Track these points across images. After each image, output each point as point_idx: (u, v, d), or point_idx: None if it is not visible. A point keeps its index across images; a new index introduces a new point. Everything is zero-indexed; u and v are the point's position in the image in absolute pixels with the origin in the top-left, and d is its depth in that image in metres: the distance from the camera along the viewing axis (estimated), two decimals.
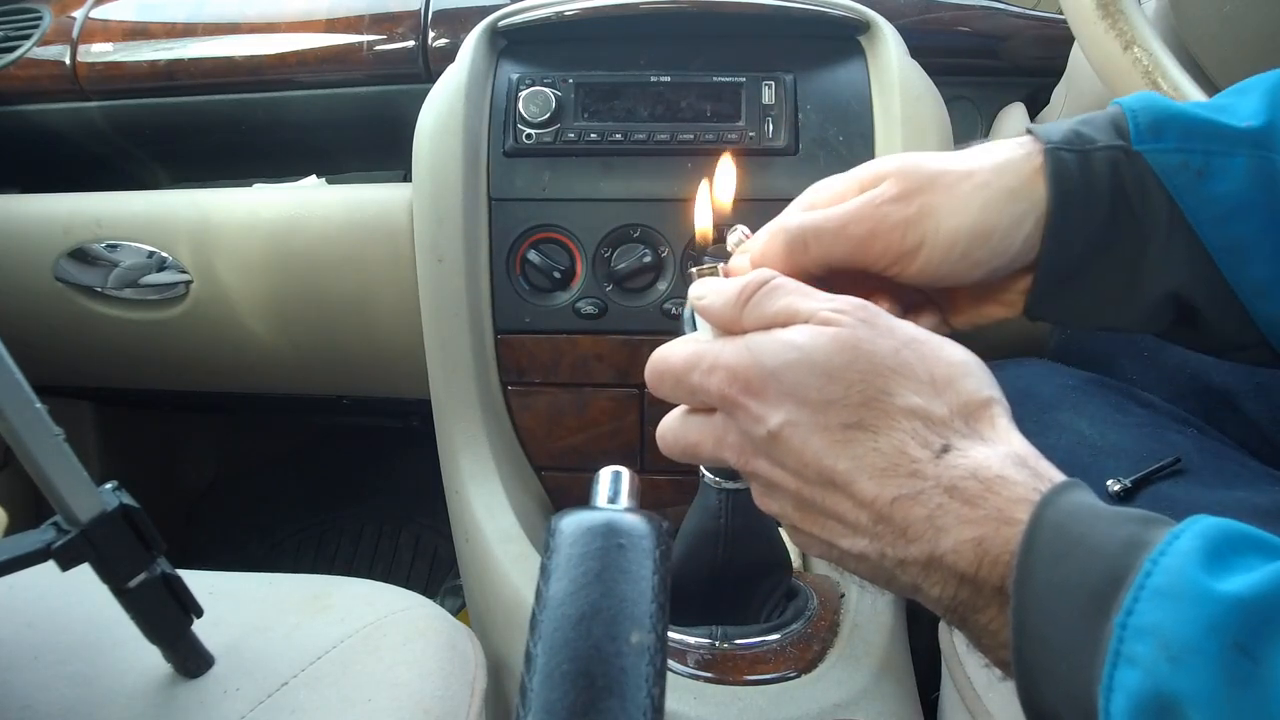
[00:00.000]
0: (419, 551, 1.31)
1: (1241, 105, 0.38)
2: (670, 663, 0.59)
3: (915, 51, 0.76)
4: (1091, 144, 0.38)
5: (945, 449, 0.32)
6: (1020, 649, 0.28)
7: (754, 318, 0.36)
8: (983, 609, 0.30)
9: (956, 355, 0.34)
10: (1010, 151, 0.39)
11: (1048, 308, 0.40)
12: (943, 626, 0.63)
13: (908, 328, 0.35)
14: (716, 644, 0.60)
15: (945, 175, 0.38)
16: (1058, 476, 0.31)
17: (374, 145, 0.97)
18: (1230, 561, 0.25)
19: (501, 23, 0.78)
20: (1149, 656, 0.24)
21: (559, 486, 0.81)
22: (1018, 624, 0.28)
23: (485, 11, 0.80)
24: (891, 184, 0.38)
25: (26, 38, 0.95)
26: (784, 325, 0.35)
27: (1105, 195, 0.37)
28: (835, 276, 0.41)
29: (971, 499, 0.30)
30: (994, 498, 0.30)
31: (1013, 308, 0.42)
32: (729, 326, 0.37)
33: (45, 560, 0.46)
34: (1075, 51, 0.79)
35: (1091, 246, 0.38)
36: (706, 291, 0.38)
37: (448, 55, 0.80)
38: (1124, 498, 0.51)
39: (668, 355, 0.38)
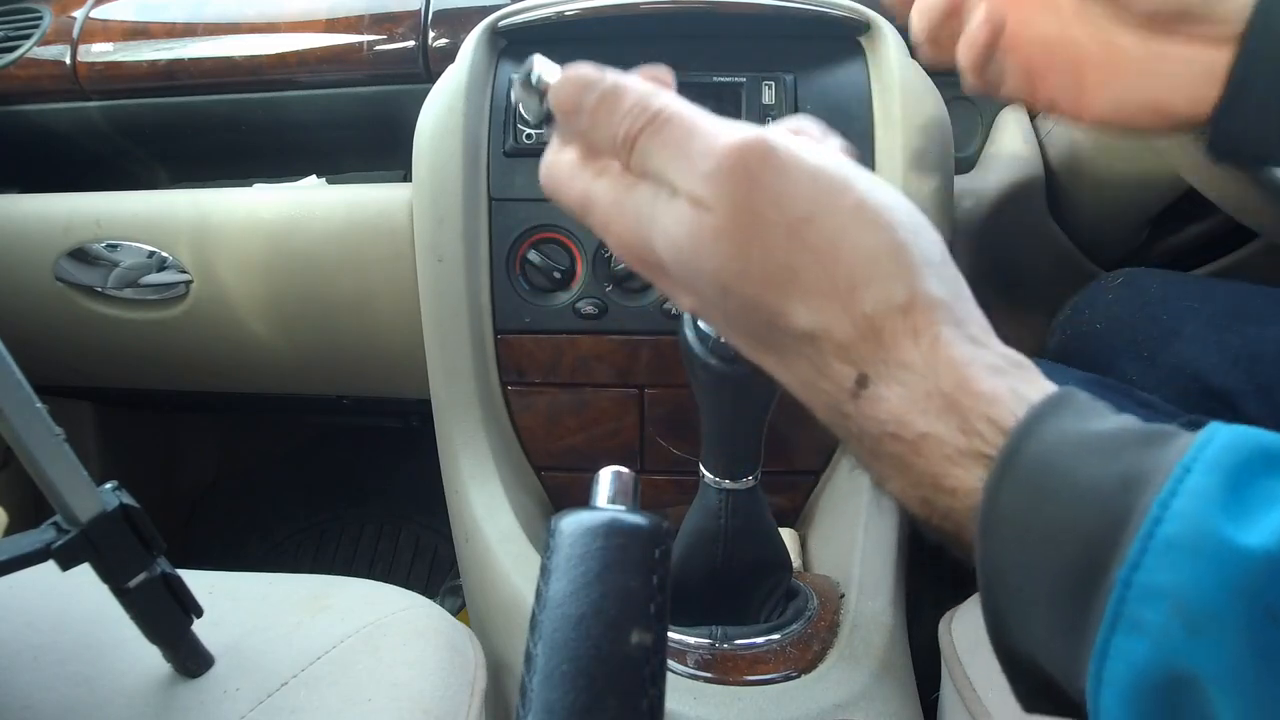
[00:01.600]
0: (419, 551, 1.31)
1: None
2: (670, 663, 0.59)
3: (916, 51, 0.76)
4: None
5: (861, 381, 0.27)
6: (990, 591, 0.24)
7: (635, 162, 0.29)
8: (950, 541, 0.27)
9: (863, 237, 0.27)
10: None
11: (1236, 116, 0.35)
12: (943, 627, 0.63)
13: (811, 180, 0.27)
14: (716, 644, 0.60)
15: None
16: (995, 405, 0.25)
17: (374, 145, 0.97)
18: (1252, 496, 0.20)
19: (502, 23, 0.78)
20: (1160, 624, 0.20)
21: (559, 486, 0.81)
22: (986, 569, 0.24)
23: (485, 11, 0.80)
24: None
25: (27, 37, 0.95)
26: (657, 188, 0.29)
27: None
28: None
29: (898, 461, 0.26)
30: (920, 460, 0.26)
31: (1191, 103, 0.36)
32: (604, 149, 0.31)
33: (45, 560, 0.46)
34: None
35: None
36: (584, 90, 0.30)
37: (448, 55, 0.80)
38: None
39: (553, 176, 0.32)
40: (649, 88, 0.30)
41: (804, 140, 0.29)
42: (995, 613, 0.25)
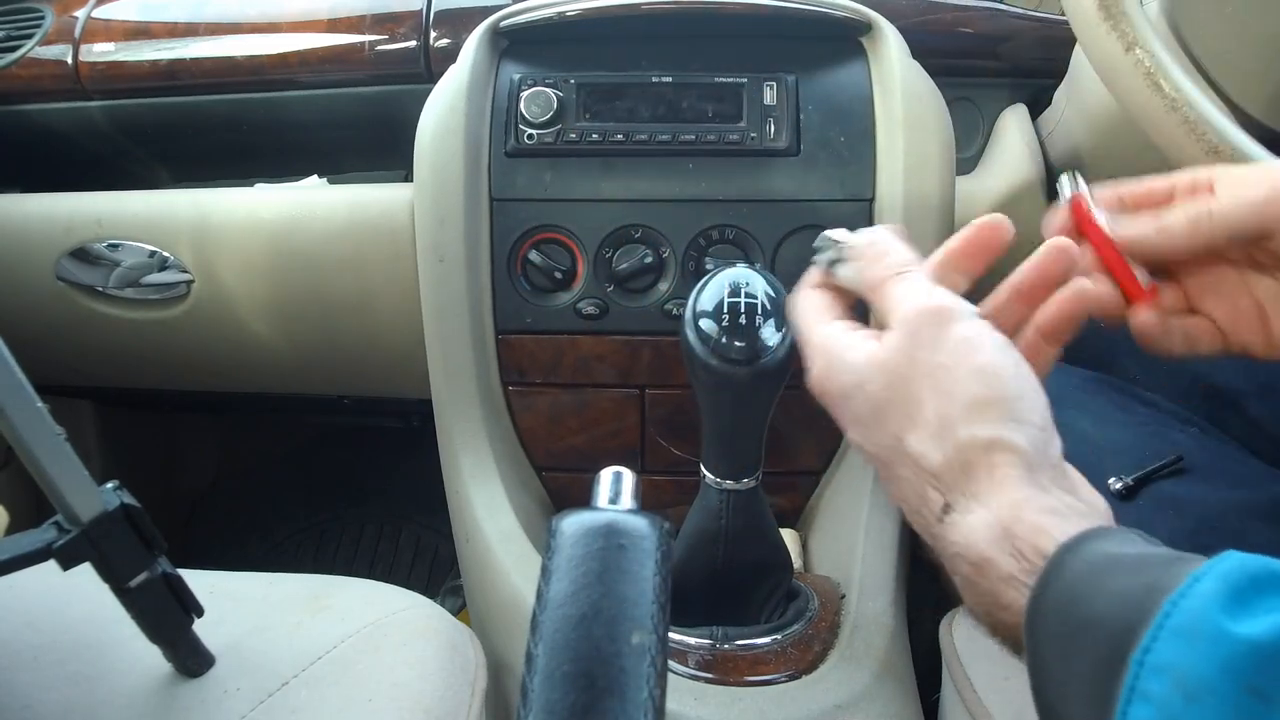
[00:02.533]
0: (419, 551, 1.31)
1: None
2: (671, 663, 0.59)
3: (917, 52, 0.76)
4: None
5: (946, 509, 0.33)
6: (1039, 685, 0.29)
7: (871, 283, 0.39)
8: (1012, 651, 0.32)
9: (975, 388, 0.34)
10: None
11: None
12: (943, 627, 0.63)
13: (955, 342, 0.35)
14: (717, 644, 0.60)
15: None
16: (1035, 541, 0.31)
17: (375, 145, 0.97)
18: (1252, 603, 0.25)
19: (503, 23, 0.78)
20: (1163, 694, 0.24)
21: (560, 487, 0.81)
22: (1034, 667, 0.29)
23: (487, 12, 0.80)
24: None
25: (29, 37, 0.95)
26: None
27: None
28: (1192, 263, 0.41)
29: (967, 580, 0.32)
30: (983, 581, 0.32)
31: None
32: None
33: (46, 560, 0.46)
34: (1077, 53, 0.79)
35: None
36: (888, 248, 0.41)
37: (449, 55, 0.80)
38: (1125, 495, 0.51)
39: (802, 309, 0.42)
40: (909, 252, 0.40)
41: (972, 316, 0.37)
42: (1042, 699, 0.29)
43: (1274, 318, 0.41)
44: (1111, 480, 0.52)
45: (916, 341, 0.35)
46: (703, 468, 0.58)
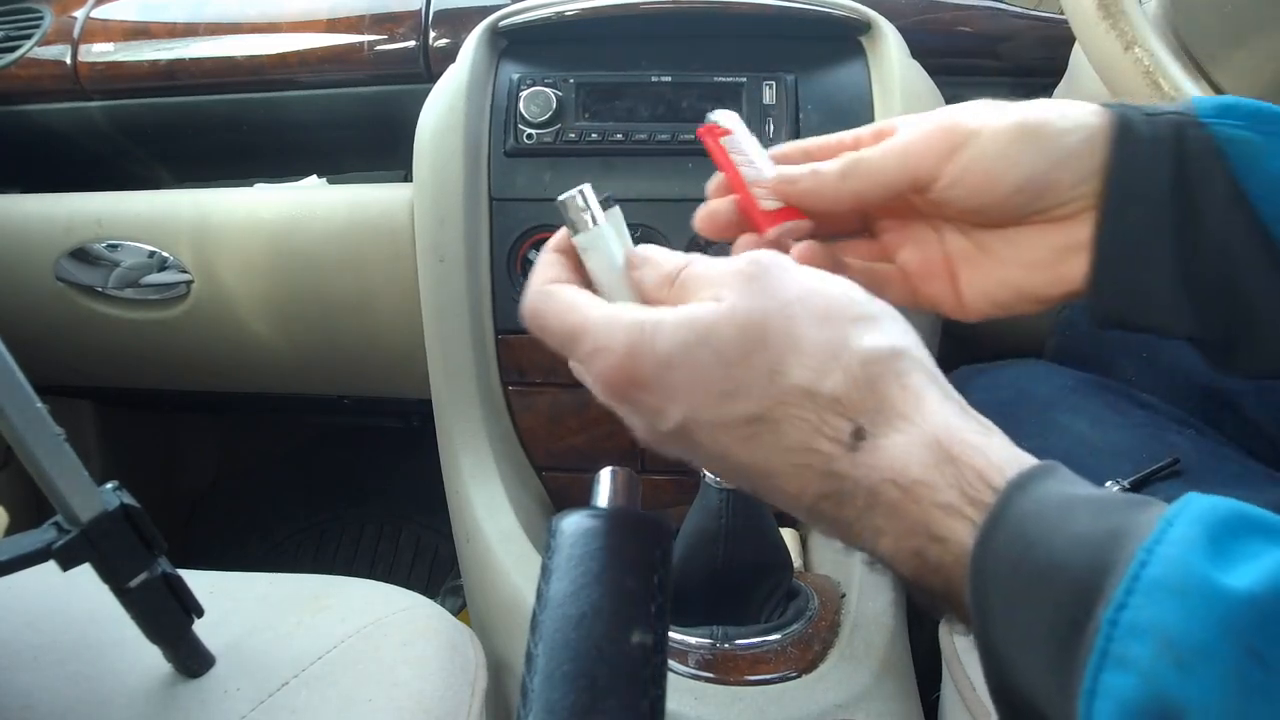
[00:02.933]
0: (419, 551, 1.31)
1: None
2: (671, 663, 0.59)
3: (916, 52, 0.76)
4: (1159, 111, 0.37)
5: (857, 434, 0.29)
6: (986, 639, 0.26)
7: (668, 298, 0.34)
8: (940, 597, 0.28)
9: (851, 308, 0.31)
10: (1070, 101, 0.38)
11: (1111, 286, 0.37)
12: (943, 627, 0.63)
13: (803, 278, 0.32)
14: (717, 644, 0.60)
15: (1003, 104, 0.38)
16: (979, 464, 0.27)
17: (375, 145, 0.97)
18: (1232, 549, 0.22)
19: (502, 23, 0.78)
20: (1148, 659, 0.21)
21: (559, 486, 0.81)
22: (981, 621, 0.26)
23: (486, 11, 0.80)
24: (960, 107, 0.38)
25: (28, 37, 0.95)
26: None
27: (1168, 159, 0.35)
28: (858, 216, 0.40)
29: (894, 509, 0.28)
30: (915, 508, 0.28)
31: (1057, 282, 0.38)
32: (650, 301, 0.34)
33: (46, 560, 0.46)
34: (1076, 52, 0.79)
35: (1153, 214, 0.36)
36: (646, 263, 0.35)
37: (449, 55, 0.80)
38: None
39: (544, 311, 0.34)
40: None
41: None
42: (989, 653, 0.26)
43: (963, 274, 0.39)
44: (1108, 483, 0.51)
45: (758, 287, 0.31)
46: (703, 467, 0.58)
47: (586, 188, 0.35)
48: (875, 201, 0.38)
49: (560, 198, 0.35)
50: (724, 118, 0.41)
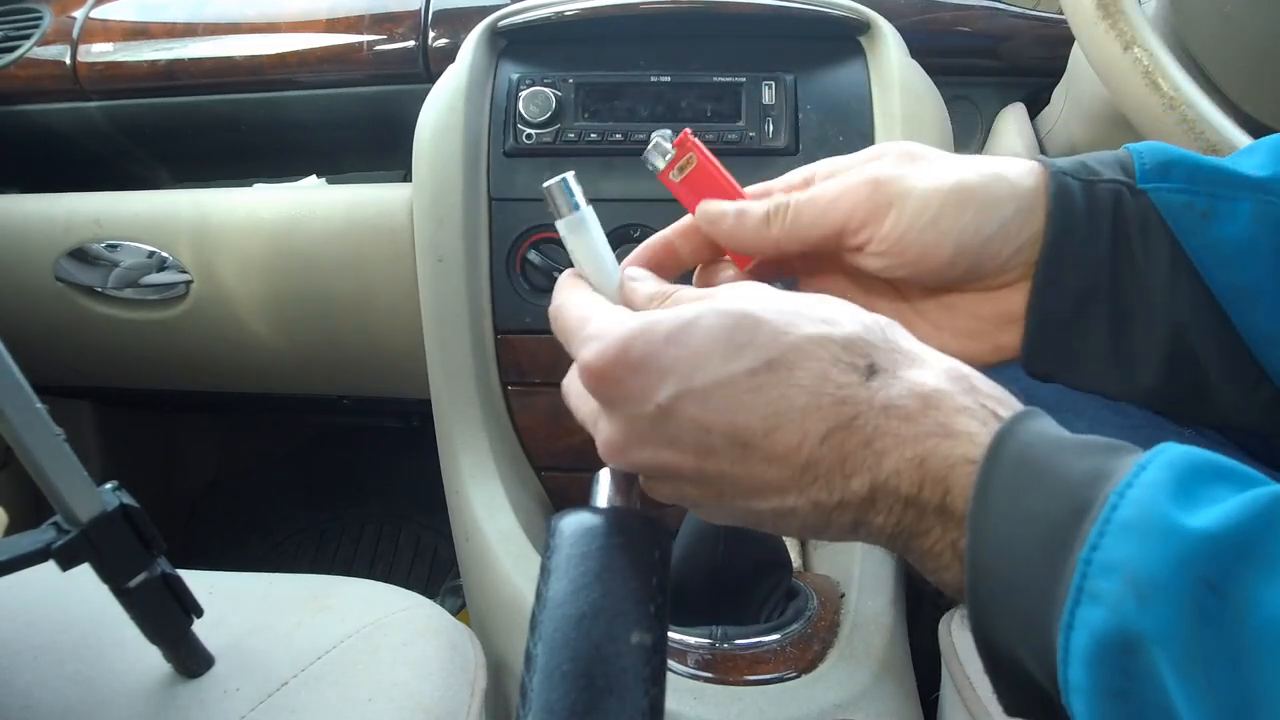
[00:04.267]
0: (419, 551, 1.31)
1: (1247, 159, 0.37)
2: (670, 663, 0.59)
3: (915, 51, 0.76)
4: (1096, 176, 0.37)
5: (871, 369, 0.29)
6: (974, 585, 0.27)
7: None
8: (926, 532, 0.29)
9: (843, 303, 0.32)
10: (1006, 158, 0.38)
11: (1048, 353, 0.37)
12: (943, 627, 0.63)
13: (788, 294, 0.33)
14: (716, 644, 0.60)
15: (934, 154, 0.37)
16: (996, 390, 0.29)
17: (374, 145, 0.97)
18: (1198, 493, 0.23)
19: (502, 23, 0.78)
20: (1114, 593, 0.23)
21: (559, 486, 0.81)
22: (973, 559, 0.27)
23: (485, 11, 0.80)
24: (894, 155, 0.37)
25: (27, 37, 0.95)
26: None
27: (1107, 228, 0.36)
28: (791, 261, 0.39)
29: (910, 415, 0.28)
30: (934, 412, 0.28)
31: (994, 352, 0.38)
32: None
33: (45, 560, 0.46)
34: (1076, 52, 0.79)
35: (1090, 281, 0.36)
36: (641, 277, 0.37)
37: (448, 55, 0.80)
38: None
39: (564, 303, 0.36)
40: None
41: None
42: (979, 604, 0.27)
43: None
44: None
45: (741, 289, 0.33)
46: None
47: (570, 175, 0.36)
48: (799, 252, 0.38)
49: (545, 184, 0.36)
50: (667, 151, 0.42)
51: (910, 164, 0.36)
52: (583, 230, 0.37)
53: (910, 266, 0.36)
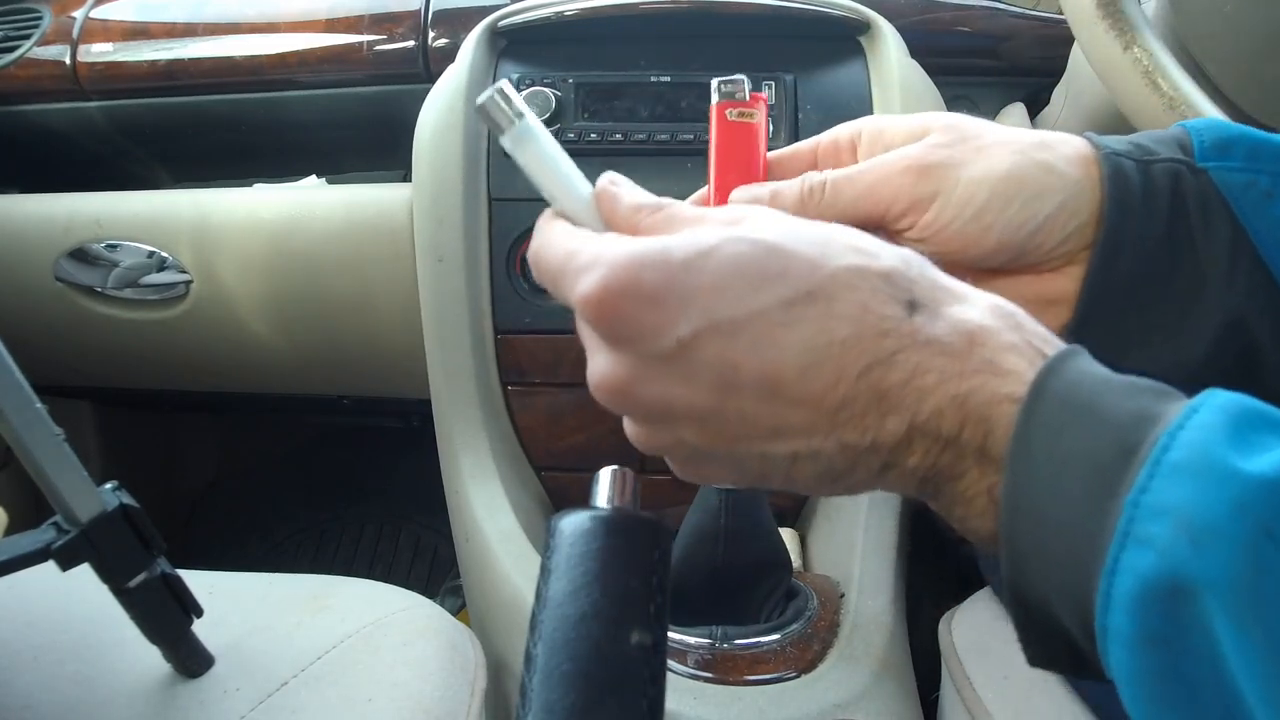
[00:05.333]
0: (419, 551, 1.31)
1: None
2: (670, 663, 0.59)
3: (915, 51, 0.76)
4: (1153, 155, 0.35)
5: (913, 305, 0.27)
6: (1010, 527, 0.25)
7: (648, 227, 0.31)
8: (961, 475, 0.27)
9: (873, 236, 0.30)
10: (1055, 136, 0.36)
11: (1095, 333, 0.36)
12: (943, 626, 0.63)
13: (814, 223, 0.30)
14: (716, 644, 0.60)
15: (982, 135, 0.35)
16: (1040, 329, 0.28)
17: (374, 145, 0.97)
18: (1252, 440, 0.22)
19: (501, 23, 0.78)
20: (1165, 537, 0.21)
21: (559, 486, 0.81)
22: (1009, 501, 0.25)
23: (485, 11, 0.80)
24: (941, 134, 0.35)
25: (27, 37, 0.95)
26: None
27: (1164, 209, 0.34)
28: None
29: (955, 352, 0.27)
30: (980, 349, 0.27)
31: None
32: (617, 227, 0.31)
33: (45, 560, 0.46)
34: (1075, 52, 0.79)
35: (1145, 265, 0.34)
36: (621, 182, 0.33)
37: (448, 55, 0.80)
38: None
39: (546, 243, 0.31)
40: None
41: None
42: (1013, 548, 0.26)
43: None
44: None
45: (763, 215, 0.30)
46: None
47: (504, 83, 0.31)
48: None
49: (478, 100, 0.31)
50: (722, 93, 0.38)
51: (959, 145, 0.35)
52: (531, 140, 0.32)
53: (953, 254, 0.35)
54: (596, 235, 0.30)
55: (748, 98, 0.37)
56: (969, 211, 0.34)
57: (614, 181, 0.33)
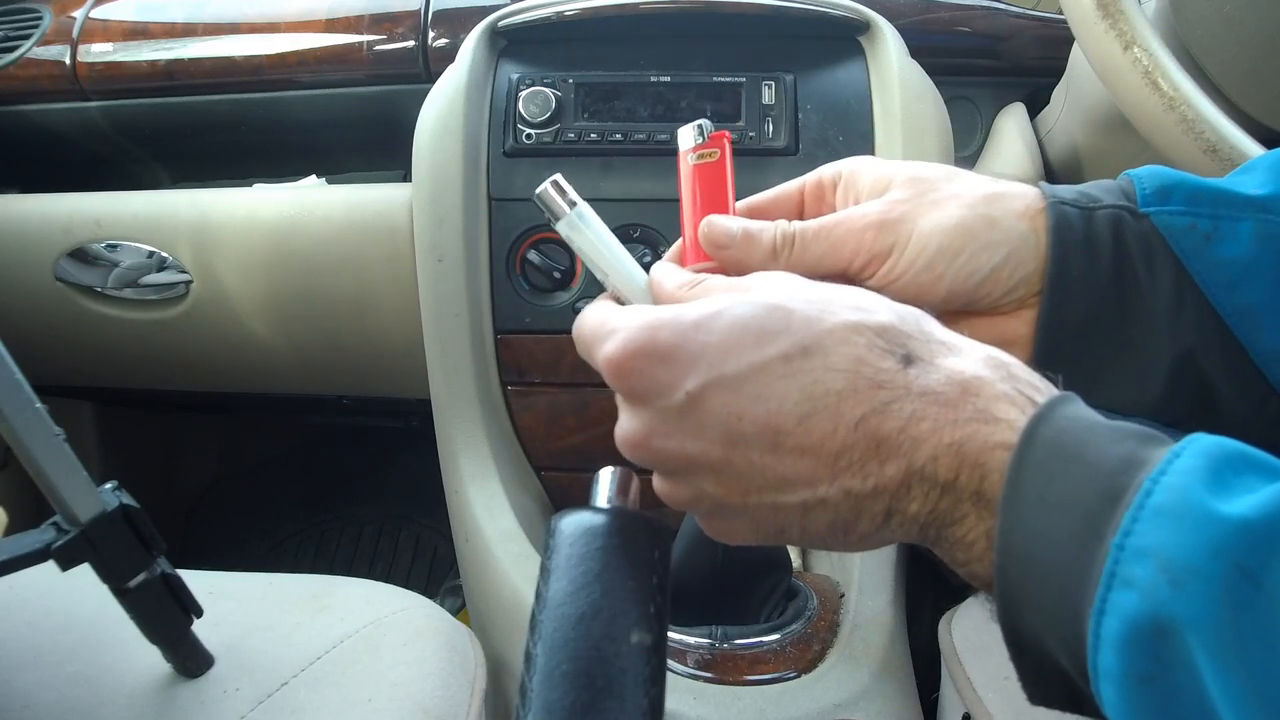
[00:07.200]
0: (419, 551, 1.31)
1: (1247, 178, 0.37)
2: (670, 663, 0.59)
3: (915, 51, 0.76)
4: (1097, 203, 0.37)
5: (908, 358, 0.29)
6: (1004, 569, 0.27)
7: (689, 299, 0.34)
8: (959, 520, 0.28)
9: (872, 293, 0.33)
10: (1007, 188, 0.38)
11: (1055, 372, 0.37)
12: (943, 626, 0.63)
13: (818, 284, 0.33)
14: (716, 644, 0.60)
15: (938, 187, 0.37)
16: (1034, 378, 0.29)
17: (374, 145, 0.97)
18: (1231, 482, 0.24)
19: (501, 23, 0.78)
20: (1148, 579, 0.23)
21: (559, 486, 0.81)
22: (1003, 544, 0.26)
23: (485, 11, 0.80)
24: (900, 189, 0.37)
25: (26, 37, 0.95)
26: None
27: (1108, 254, 0.36)
28: None
29: (949, 402, 0.28)
30: (974, 399, 0.28)
31: None
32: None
33: (45, 560, 0.46)
34: (1075, 52, 0.79)
35: (1094, 307, 0.36)
36: (669, 269, 0.37)
37: (448, 55, 0.80)
38: None
39: (583, 318, 0.35)
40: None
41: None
42: (1007, 590, 0.27)
43: None
44: None
45: (771, 278, 0.33)
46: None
47: (558, 176, 0.36)
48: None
49: (536, 191, 0.36)
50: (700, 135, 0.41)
51: (914, 200, 0.37)
52: (584, 225, 0.36)
53: (910, 301, 0.36)
54: (623, 307, 0.34)
55: (705, 139, 0.40)
56: (921, 262, 0.36)
57: (661, 270, 0.37)
